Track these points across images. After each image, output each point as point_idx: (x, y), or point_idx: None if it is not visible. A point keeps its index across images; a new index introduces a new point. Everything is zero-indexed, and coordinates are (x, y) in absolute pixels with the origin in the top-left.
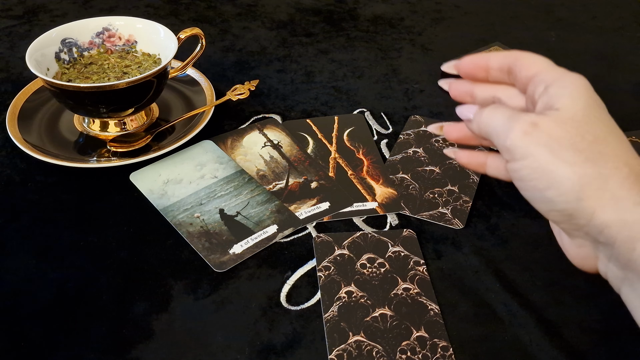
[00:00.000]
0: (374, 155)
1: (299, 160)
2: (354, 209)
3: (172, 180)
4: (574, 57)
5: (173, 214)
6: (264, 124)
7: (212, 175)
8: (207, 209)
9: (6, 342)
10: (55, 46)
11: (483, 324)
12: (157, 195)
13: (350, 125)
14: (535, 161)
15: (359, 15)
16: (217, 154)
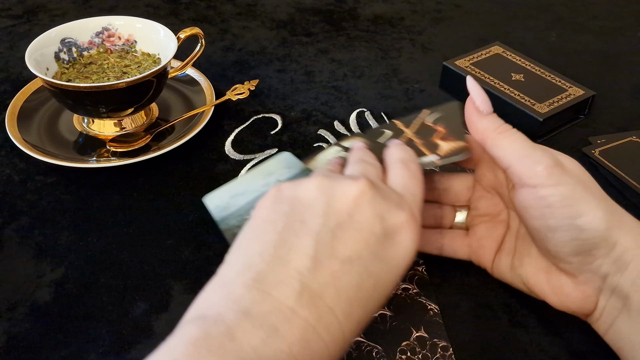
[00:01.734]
0: (458, 138)
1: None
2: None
3: (237, 193)
4: (574, 57)
5: (227, 222)
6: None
7: (276, 179)
8: None
9: (5, 342)
10: (55, 46)
11: (483, 324)
12: (220, 208)
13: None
14: (570, 190)
15: (359, 15)
16: (293, 172)
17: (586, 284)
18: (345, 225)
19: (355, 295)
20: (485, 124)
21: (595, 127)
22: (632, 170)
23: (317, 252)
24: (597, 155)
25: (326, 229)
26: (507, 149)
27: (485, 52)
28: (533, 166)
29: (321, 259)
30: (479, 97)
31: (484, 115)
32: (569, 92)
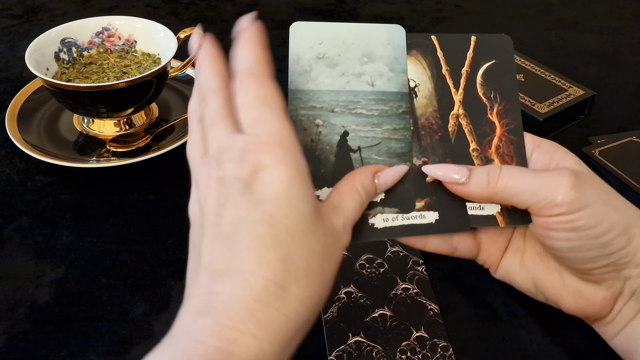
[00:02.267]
0: (512, 117)
1: (430, 126)
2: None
3: (327, 58)
4: (575, 57)
5: (297, 104)
6: (411, 47)
7: (370, 79)
8: (333, 122)
9: (5, 342)
10: (55, 46)
11: (483, 324)
12: (300, 68)
13: (491, 56)
14: (594, 211)
15: (359, 15)
16: (397, 54)
17: (608, 289)
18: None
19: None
20: (475, 188)
21: (595, 127)
22: (632, 171)
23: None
24: (597, 155)
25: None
26: (514, 193)
27: None
28: (551, 199)
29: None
30: (448, 173)
31: (467, 183)
32: (569, 92)
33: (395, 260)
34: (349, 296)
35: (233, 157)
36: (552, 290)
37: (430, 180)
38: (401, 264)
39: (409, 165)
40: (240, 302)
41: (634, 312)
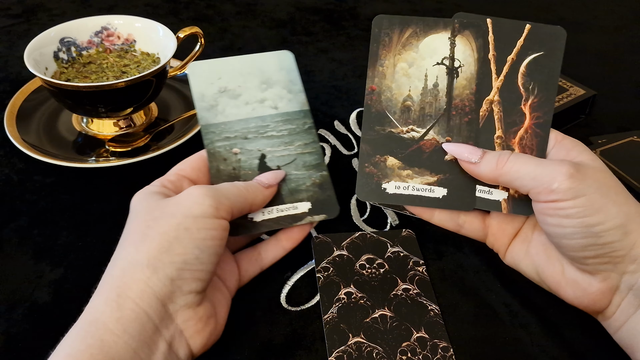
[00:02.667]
0: (544, 111)
1: (463, 108)
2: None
3: (229, 90)
4: (575, 57)
5: (212, 137)
6: (466, 26)
7: (273, 103)
8: (249, 148)
9: (4, 342)
10: (54, 45)
11: (484, 325)
12: (206, 104)
13: (540, 47)
14: (589, 200)
15: (359, 14)
16: (291, 77)
17: (603, 281)
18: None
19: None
20: (484, 169)
21: (596, 127)
22: (633, 170)
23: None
24: (597, 155)
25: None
26: (517, 177)
27: None
28: (548, 185)
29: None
30: (463, 152)
31: (479, 163)
32: (569, 91)
33: (395, 260)
34: (349, 297)
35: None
36: (552, 280)
37: (448, 159)
38: (401, 264)
39: (326, 172)
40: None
41: (634, 308)
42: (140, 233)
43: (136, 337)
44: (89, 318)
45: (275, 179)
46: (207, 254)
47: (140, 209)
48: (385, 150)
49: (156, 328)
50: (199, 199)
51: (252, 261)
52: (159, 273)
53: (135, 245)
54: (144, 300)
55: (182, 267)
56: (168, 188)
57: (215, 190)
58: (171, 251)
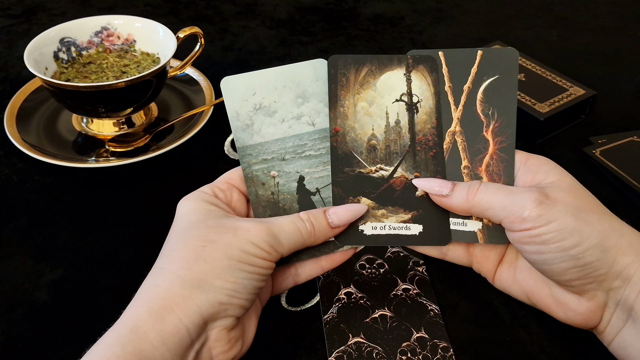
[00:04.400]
0: (506, 135)
1: (427, 142)
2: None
3: (264, 107)
4: (575, 57)
5: (249, 160)
6: (419, 62)
7: (310, 119)
8: (287, 170)
9: (4, 342)
10: (54, 45)
11: (484, 325)
12: (241, 123)
13: (495, 70)
14: (561, 225)
15: (359, 14)
16: (327, 89)
17: (591, 300)
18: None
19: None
20: (456, 201)
21: (596, 127)
22: (633, 170)
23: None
24: (597, 155)
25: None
26: (487, 207)
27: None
28: (519, 214)
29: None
30: (434, 186)
31: (450, 195)
32: (569, 91)
33: (395, 260)
34: (349, 297)
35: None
36: (542, 302)
37: (419, 194)
38: (401, 264)
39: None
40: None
41: (623, 322)
42: (194, 252)
43: (173, 350)
44: (129, 325)
45: (350, 219)
46: (254, 286)
47: (195, 220)
48: (357, 192)
49: (192, 343)
50: (256, 240)
51: (287, 277)
52: (208, 295)
53: (187, 263)
54: (188, 316)
55: (231, 294)
56: (219, 198)
57: (274, 236)
58: (223, 278)
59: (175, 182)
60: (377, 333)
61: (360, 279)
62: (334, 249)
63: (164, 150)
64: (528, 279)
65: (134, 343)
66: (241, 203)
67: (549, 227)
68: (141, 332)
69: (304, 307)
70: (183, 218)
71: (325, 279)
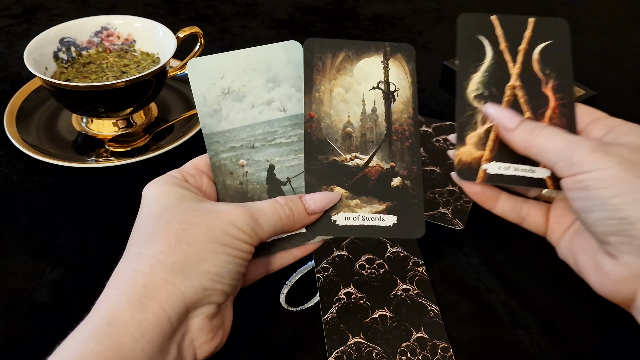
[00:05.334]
0: (566, 92)
1: (403, 132)
2: (510, 174)
3: (233, 92)
4: (576, 57)
5: (216, 148)
6: (397, 50)
7: (281, 105)
8: (257, 158)
9: (4, 342)
10: (54, 45)
11: (484, 325)
12: (208, 109)
13: (548, 36)
14: (606, 172)
15: (359, 14)
16: (300, 72)
17: (625, 266)
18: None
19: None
20: (517, 138)
21: None
22: None
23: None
24: None
25: None
26: (544, 150)
27: None
28: (569, 159)
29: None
30: (501, 117)
31: (513, 129)
32: None
33: (395, 261)
34: (348, 297)
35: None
36: (582, 264)
37: (394, 185)
38: (401, 264)
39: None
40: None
41: None
42: (175, 235)
43: (153, 343)
44: (106, 317)
45: (325, 205)
46: (236, 271)
47: (169, 204)
48: (331, 180)
49: (173, 334)
50: (239, 223)
51: (258, 265)
52: (193, 280)
53: (169, 247)
54: (171, 304)
55: (215, 278)
56: (190, 183)
57: (256, 219)
58: (207, 262)
59: None
60: (376, 333)
61: (360, 279)
62: (304, 241)
63: (164, 150)
64: (579, 240)
65: (112, 337)
66: (211, 189)
67: (593, 174)
68: (120, 324)
69: (303, 307)
70: (154, 202)
71: (325, 279)
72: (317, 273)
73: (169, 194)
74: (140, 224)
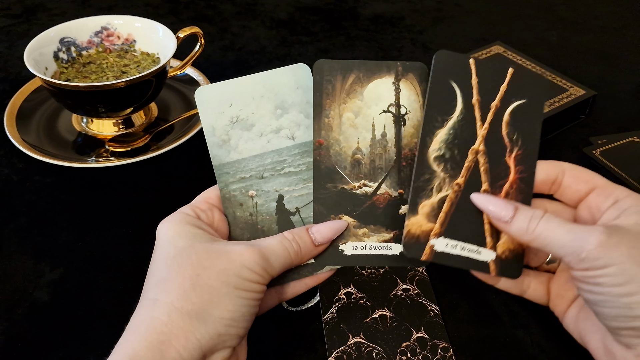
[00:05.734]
0: (528, 164)
1: (413, 158)
2: (456, 253)
3: (242, 120)
4: (575, 57)
5: (226, 179)
6: (409, 69)
7: (290, 133)
8: (266, 189)
9: (4, 342)
10: (54, 45)
11: (483, 325)
12: (217, 139)
13: (523, 94)
14: (619, 269)
15: (360, 14)
16: (309, 98)
17: (637, 357)
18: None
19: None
20: (516, 230)
21: (596, 127)
22: (633, 171)
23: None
24: (597, 155)
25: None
26: (547, 244)
27: (486, 51)
28: (577, 255)
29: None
30: (493, 210)
31: (510, 222)
32: (569, 92)
33: None
34: (349, 297)
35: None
36: (591, 345)
37: (402, 212)
38: None
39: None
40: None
41: None
42: (189, 280)
43: None
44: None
45: (332, 236)
46: (251, 312)
47: (182, 245)
48: (339, 210)
49: None
50: (250, 264)
51: (272, 295)
52: (208, 327)
53: (184, 293)
54: (188, 350)
55: (230, 323)
56: (202, 219)
57: (266, 258)
58: (221, 307)
59: (175, 182)
60: (377, 333)
61: (360, 279)
62: (312, 271)
63: (164, 150)
64: (585, 320)
65: None
66: (223, 223)
67: (605, 271)
68: None
69: (303, 307)
70: (167, 243)
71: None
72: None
73: (181, 234)
74: (154, 267)
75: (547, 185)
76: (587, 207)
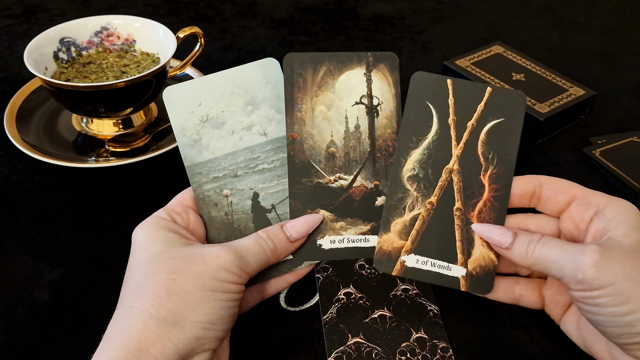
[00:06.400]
0: (502, 184)
1: (387, 149)
2: (427, 269)
3: (212, 119)
4: (575, 57)
5: (199, 180)
6: (380, 60)
7: (262, 129)
8: (240, 187)
9: (4, 342)
10: (54, 45)
11: (483, 325)
12: (188, 139)
13: (501, 112)
14: (616, 289)
15: (359, 14)
16: (279, 92)
17: None
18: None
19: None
20: (516, 256)
21: (596, 128)
22: (633, 171)
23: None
24: (597, 155)
25: None
26: (544, 267)
27: (485, 51)
28: (574, 276)
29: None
30: (493, 237)
31: (510, 248)
32: (569, 92)
33: None
34: (348, 297)
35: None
36: (598, 355)
37: (378, 204)
38: None
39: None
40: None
41: None
42: (164, 286)
43: None
44: None
45: (307, 230)
46: (229, 314)
47: (157, 251)
48: (315, 204)
49: None
50: (226, 265)
51: (253, 293)
52: (185, 332)
53: (159, 300)
54: (165, 356)
55: (207, 327)
56: (177, 222)
57: (242, 258)
58: (198, 311)
59: (175, 182)
60: (376, 333)
61: (359, 279)
62: (292, 268)
63: (164, 150)
64: (588, 330)
65: None
66: (199, 224)
67: (602, 292)
68: None
69: (303, 307)
70: (142, 249)
71: (325, 279)
72: (316, 273)
73: (155, 239)
74: (130, 273)
75: (526, 199)
76: (569, 218)
